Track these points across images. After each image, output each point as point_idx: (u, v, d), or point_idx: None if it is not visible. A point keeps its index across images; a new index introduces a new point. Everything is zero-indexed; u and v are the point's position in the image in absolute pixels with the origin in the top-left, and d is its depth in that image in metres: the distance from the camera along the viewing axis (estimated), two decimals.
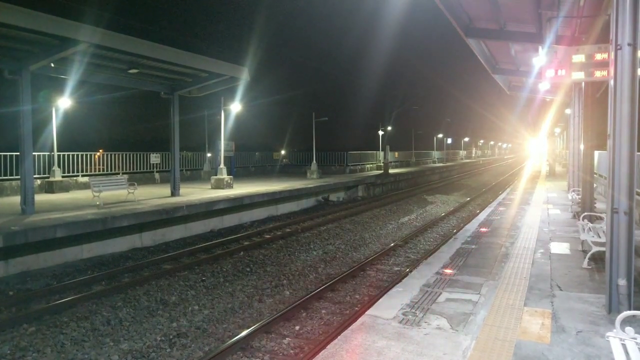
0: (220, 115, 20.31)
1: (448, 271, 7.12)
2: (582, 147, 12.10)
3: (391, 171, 33.65)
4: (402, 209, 20.89)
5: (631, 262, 4.87)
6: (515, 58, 14.26)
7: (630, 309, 4.75)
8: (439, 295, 5.95)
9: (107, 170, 20.90)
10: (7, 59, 11.76)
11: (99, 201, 13.42)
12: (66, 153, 18.94)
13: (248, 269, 10.65)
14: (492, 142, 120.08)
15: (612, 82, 4.95)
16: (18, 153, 12.73)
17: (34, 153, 13.43)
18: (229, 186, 19.11)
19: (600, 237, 7.43)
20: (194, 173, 25.46)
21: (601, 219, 8.82)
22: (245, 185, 20.25)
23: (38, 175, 17.20)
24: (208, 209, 14.55)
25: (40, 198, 14.68)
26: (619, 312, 4.37)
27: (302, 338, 6.88)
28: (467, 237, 9.99)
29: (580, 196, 11.88)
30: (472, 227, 11.39)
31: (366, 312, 5.38)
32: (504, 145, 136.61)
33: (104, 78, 15.04)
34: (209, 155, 27.15)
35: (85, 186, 17.91)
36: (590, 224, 8.07)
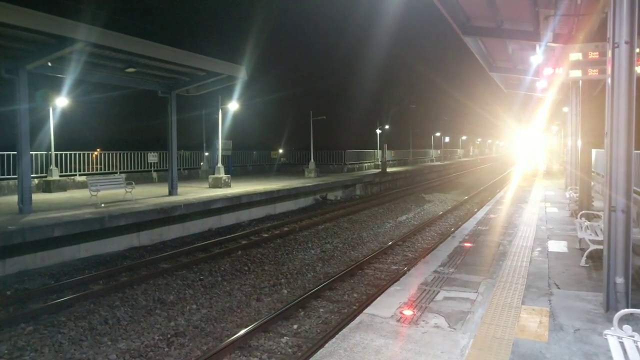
0: (218, 114, 20.30)
1: (446, 270, 7.12)
2: (579, 145, 12.12)
3: (389, 170, 33.68)
4: (399, 208, 20.90)
5: (628, 260, 4.88)
6: (513, 56, 14.28)
7: (627, 307, 4.76)
8: (437, 293, 5.95)
9: (104, 170, 20.86)
10: (4, 58, 11.71)
11: (96, 200, 13.39)
12: (64, 152, 18.89)
13: (246, 268, 10.64)
14: (489, 141, 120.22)
15: (609, 80, 4.95)
16: (15, 152, 12.69)
17: (31, 152, 13.40)
18: (227, 185, 19.09)
19: (597, 235, 7.45)
20: (192, 172, 25.42)
21: (599, 217, 8.84)
22: (243, 184, 20.23)
23: (35, 175, 17.15)
24: (206, 208, 14.53)
25: (38, 197, 14.65)
26: (617, 310, 4.38)
27: (300, 337, 6.88)
28: (465, 235, 10.00)
29: (577, 194, 11.90)
30: (470, 225, 11.40)
31: (364, 311, 5.38)
32: (502, 144, 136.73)
33: (101, 77, 15.00)
34: (206, 154, 27.12)
35: (82, 185, 17.86)
36: (587, 222, 8.08)
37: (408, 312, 5.24)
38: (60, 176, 18.10)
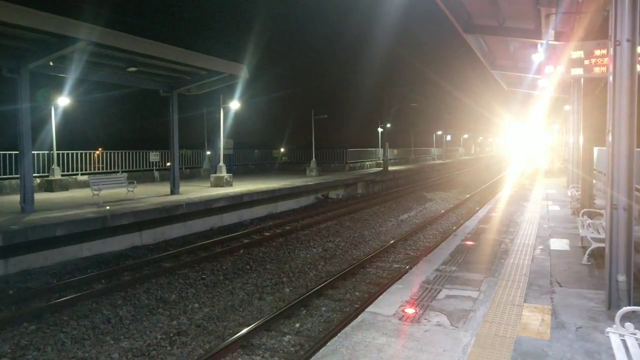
0: (219, 113, 20.31)
1: (448, 268, 7.12)
2: (581, 143, 12.10)
3: (390, 168, 33.66)
4: (401, 206, 20.89)
5: (630, 258, 4.88)
6: (514, 54, 14.26)
7: (629, 305, 4.75)
8: (439, 292, 5.95)
9: (106, 169, 20.88)
10: (6, 57, 11.72)
11: (98, 200, 13.41)
12: (65, 152, 18.92)
13: (248, 267, 10.66)
14: (490, 139, 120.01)
15: (610, 78, 4.95)
16: (17, 152, 12.71)
17: (33, 152, 13.43)
18: (229, 184, 19.10)
19: (599, 233, 7.44)
20: (194, 171, 25.44)
21: (600, 215, 8.83)
22: (244, 183, 20.24)
23: (37, 174, 17.17)
24: (207, 207, 14.54)
25: (40, 197, 14.67)
26: (619, 308, 4.38)
27: (303, 335, 6.89)
28: (466, 233, 10.00)
29: (579, 192, 11.89)
30: (471, 223, 11.40)
31: (366, 309, 5.39)
32: (503, 142, 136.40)
33: (102, 76, 15.02)
34: (208, 153, 27.13)
35: (84, 185, 17.87)
36: (589, 220, 8.07)
37: (410, 311, 5.25)
38: (62, 175, 18.13)
